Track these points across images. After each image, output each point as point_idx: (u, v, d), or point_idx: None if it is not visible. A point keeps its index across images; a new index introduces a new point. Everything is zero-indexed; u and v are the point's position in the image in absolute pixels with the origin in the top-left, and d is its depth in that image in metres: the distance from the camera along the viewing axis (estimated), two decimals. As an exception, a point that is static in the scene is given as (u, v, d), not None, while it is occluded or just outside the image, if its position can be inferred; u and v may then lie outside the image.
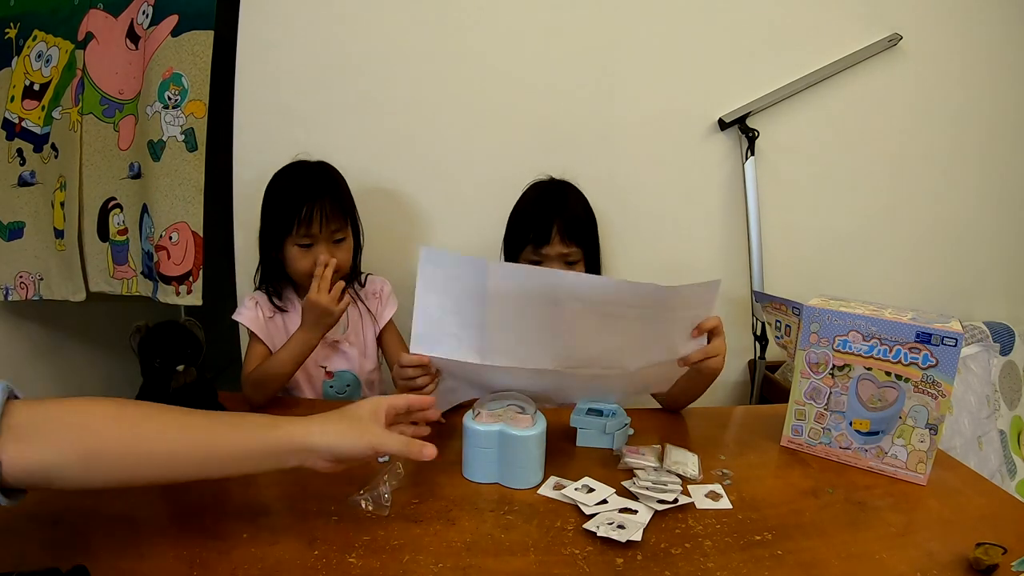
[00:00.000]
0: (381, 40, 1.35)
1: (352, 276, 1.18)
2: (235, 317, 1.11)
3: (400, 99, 1.37)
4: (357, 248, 1.17)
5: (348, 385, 1.17)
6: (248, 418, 0.61)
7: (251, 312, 1.10)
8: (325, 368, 1.15)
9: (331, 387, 1.16)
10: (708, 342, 0.86)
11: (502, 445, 0.75)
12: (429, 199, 1.42)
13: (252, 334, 1.10)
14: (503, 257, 1.16)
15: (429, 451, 0.63)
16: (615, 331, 0.78)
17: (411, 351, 0.80)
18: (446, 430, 0.94)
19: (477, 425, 0.76)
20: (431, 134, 1.39)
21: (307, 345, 1.02)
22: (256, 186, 1.39)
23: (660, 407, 1.04)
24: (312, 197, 1.05)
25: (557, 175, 1.20)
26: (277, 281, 1.14)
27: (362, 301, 1.19)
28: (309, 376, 1.14)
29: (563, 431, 0.89)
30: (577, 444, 0.88)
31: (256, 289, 1.16)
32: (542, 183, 1.17)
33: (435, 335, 0.79)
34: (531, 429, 0.75)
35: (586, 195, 1.16)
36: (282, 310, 1.13)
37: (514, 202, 1.17)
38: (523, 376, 0.82)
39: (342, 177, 1.15)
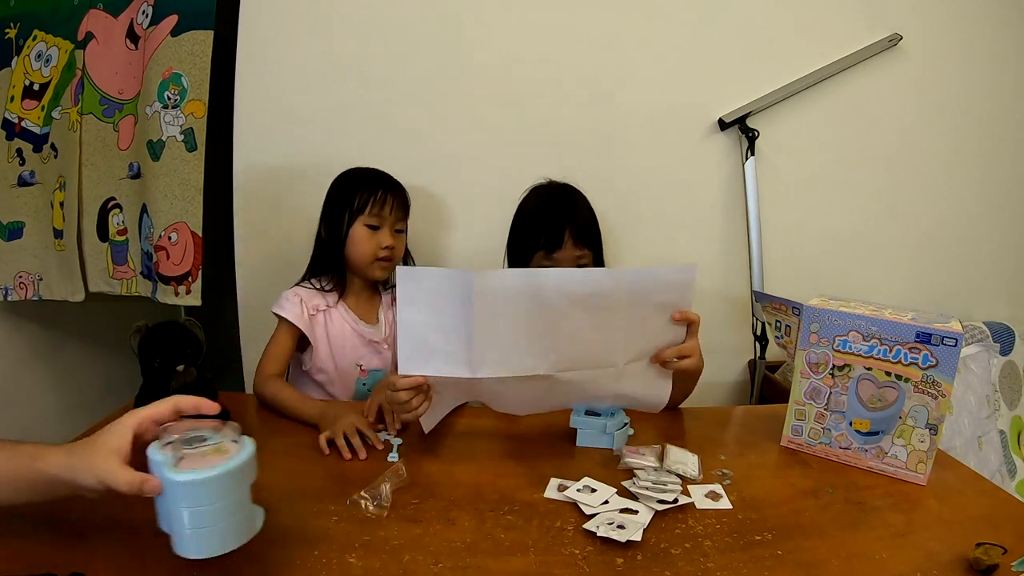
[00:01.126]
0: (381, 40, 1.35)
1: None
2: (276, 311, 1.11)
3: (399, 99, 1.37)
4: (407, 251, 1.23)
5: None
6: (24, 448, 0.58)
7: (295, 308, 1.10)
8: (361, 366, 1.16)
9: (364, 384, 1.17)
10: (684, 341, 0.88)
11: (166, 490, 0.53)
12: (429, 199, 1.42)
13: (285, 326, 1.10)
14: (507, 261, 1.16)
15: (151, 486, 0.53)
16: (601, 323, 0.80)
17: (400, 372, 0.78)
18: (447, 427, 0.95)
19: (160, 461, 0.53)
20: (431, 134, 1.39)
21: (303, 417, 0.96)
22: (256, 186, 1.40)
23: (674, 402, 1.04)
24: (387, 185, 1.16)
25: (557, 175, 1.20)
26: (328, 272, 1.17)
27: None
28: (343, 374, 1.15)
29: (563, 431, 0.90)
30: (577, 444, 0.88)
31: (298, 284, 1.16)
32: (544, 187, 1.17)
33: (423, 353, 0.78)
34: (198, 472, 0.52)
35: (586, 195, 1.16)
36: (327, 307, 1.15)
37: (514, 201, 1.17)
38: (515, 384, 0.81)
39: None
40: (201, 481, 0.52)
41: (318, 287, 1.16)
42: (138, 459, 0.55)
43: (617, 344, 0.82)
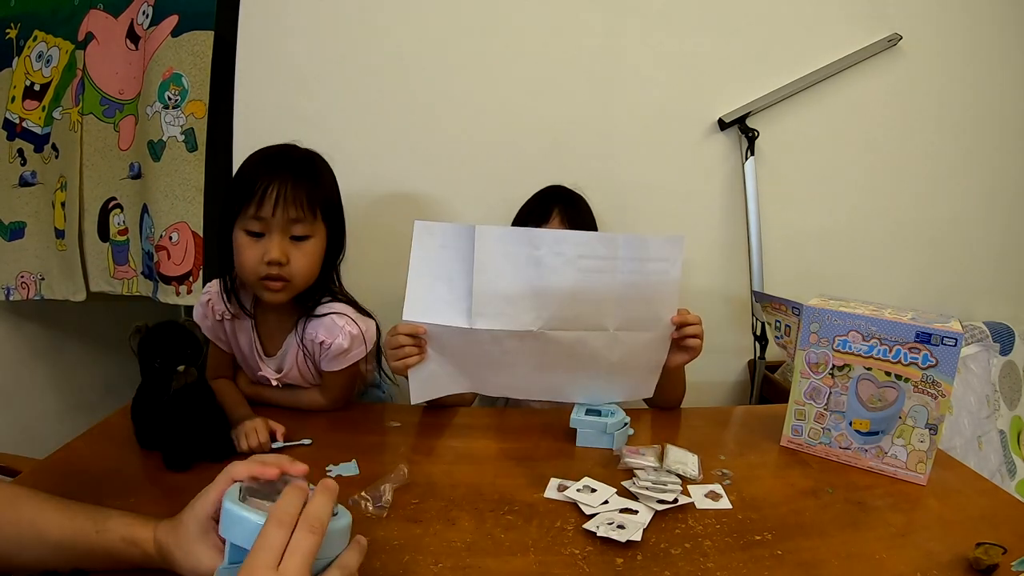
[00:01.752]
0: (381, 41, 1.35)
1: (314, 293, 0.94)
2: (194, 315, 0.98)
3: (401, 99, 1.37)
4: (331, 259, 0.96)
5: None
6: (87, 513, 0.57)
7: (200, 310, 0.97)
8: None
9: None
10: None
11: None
12: (430, 199, 1.42)
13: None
14: None
15: None
16: (593, 286, 0.85)
17: (404, 319, 0.85)
18: (447, 427, 0.95)
19: (237, 508, 0.48)
20: (432, 134, 1.39)
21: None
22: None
23: (667, 403, 1.04)
24: (272, 173, 0.86)
25: (557, 174, 1.20)
26: (233, 273, 0.94)
27: (303, 341, 0.95)
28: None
29: (563, 431, 0.90)
30: (577, 444, 0.88)
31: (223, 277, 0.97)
32: (553, 185, 1.20)
33: (426, 301, 0.86)
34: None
35: (587, 195, 1.17)
36: (234, 314, 0.96)
37: (516, 202, 1.17)
38: (510, 344, 0.86)
39: (328, 170, 0.97)
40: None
41: (230, 284, 0.95)
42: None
43: (608, 308, 0.87)
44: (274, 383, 0.97)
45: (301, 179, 0.88)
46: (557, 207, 1.11)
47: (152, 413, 0.79)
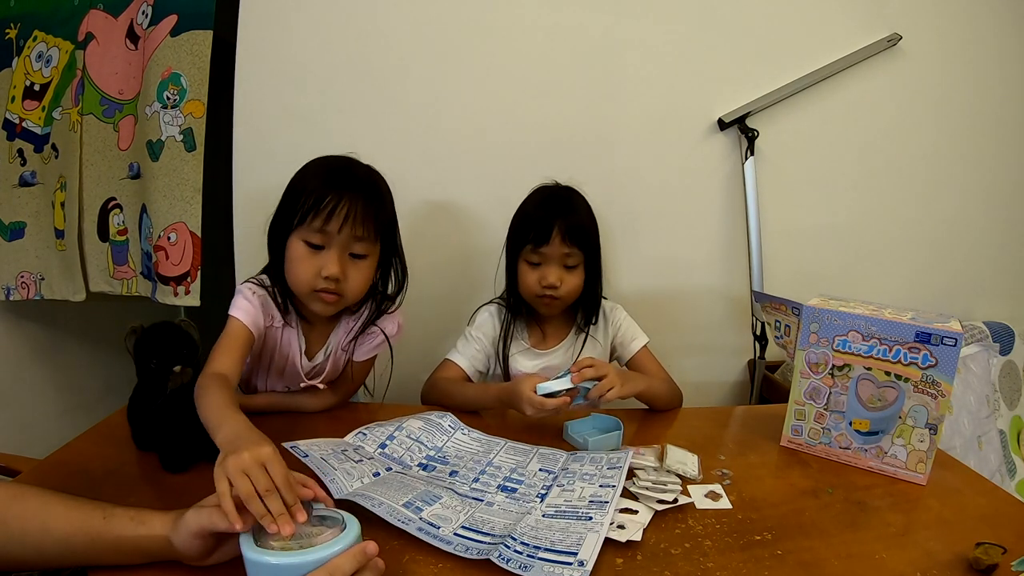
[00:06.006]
0: (381, 41, 1.35)
1: (376, 313, 0.99)
2: (233, 312, 0.89)
3: (400, 99, 1.37)
4: (387, 281, 0.99)
5: None
6: (118, 511, 0.58)
7: (248, 303, 0.90)
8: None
9: None
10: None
11: None
12: (430, 199, 1.42)
13: (238, 326, 0.88)
14: (505, 256, 1.16)
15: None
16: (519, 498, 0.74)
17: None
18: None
19: (256, 554, 0.51)
20: (432, 134, 1.39)
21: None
22: (256, 187, 1.39)
23: (658, 409, 1.04)
24: (342, 189, 0.85)
25: (557, 174, 1.20)
26: (283, 284, 0.93)
27: (346, 334, 1.00)
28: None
29: (560, 431, 0.90)
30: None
31: (257, 282, 0.94)
32: (547, 187, 1.17)
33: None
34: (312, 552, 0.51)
35: (586, 195, 1.16)
36: (283, 323, 0.94)
37: (514, 201, 1.17)
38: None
39: (387, 188, 0.95)
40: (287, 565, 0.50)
41: (277, 300, 0.93)
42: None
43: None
44: (319, 385, 0.98)
45: (371, 200, 0.88)
46: (557, 224, 1.06)
47: (148, 414, 0.79)
